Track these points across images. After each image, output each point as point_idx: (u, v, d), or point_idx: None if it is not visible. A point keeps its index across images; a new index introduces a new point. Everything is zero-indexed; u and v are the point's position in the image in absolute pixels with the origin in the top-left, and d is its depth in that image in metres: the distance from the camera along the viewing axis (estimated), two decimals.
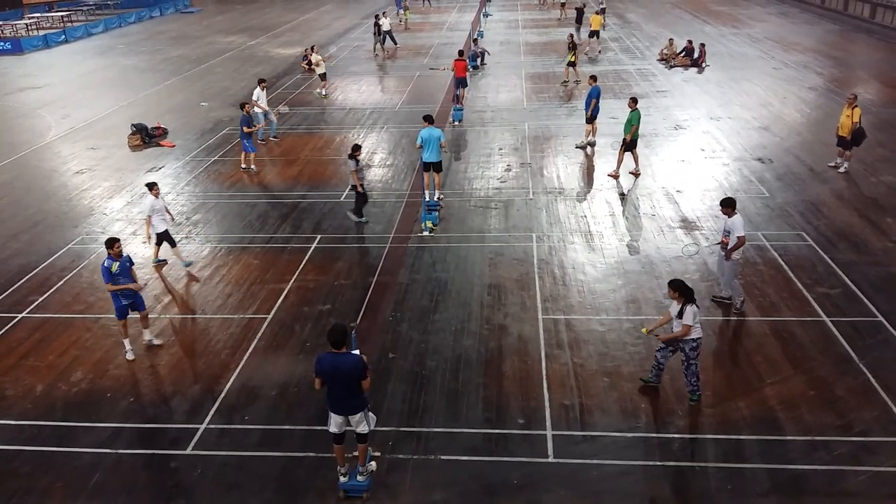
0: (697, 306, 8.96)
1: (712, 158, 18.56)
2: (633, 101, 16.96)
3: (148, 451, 8.91)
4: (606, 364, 10.28)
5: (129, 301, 10.59)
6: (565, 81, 27.14)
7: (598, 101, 19.12)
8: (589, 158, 18.91)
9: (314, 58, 27.53)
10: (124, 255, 10.56)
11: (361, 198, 14.96)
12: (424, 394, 9.78)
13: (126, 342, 10.85)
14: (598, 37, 32.61)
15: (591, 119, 19.35)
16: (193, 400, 9.83)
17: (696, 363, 9.15)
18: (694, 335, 8.96)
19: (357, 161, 14.49)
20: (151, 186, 13.09)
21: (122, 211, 16.50)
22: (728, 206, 11.27)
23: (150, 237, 13.38)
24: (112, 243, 10.42)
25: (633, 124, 16.74)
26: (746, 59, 30.34)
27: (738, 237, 10.97)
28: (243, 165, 18.81)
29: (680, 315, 8.89)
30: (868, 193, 15.91)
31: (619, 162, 17.44)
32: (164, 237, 13.28)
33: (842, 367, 9.99)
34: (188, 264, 13.51)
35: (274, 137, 21.40)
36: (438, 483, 8.23)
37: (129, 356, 10.79)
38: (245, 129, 18.19)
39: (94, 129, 23.44)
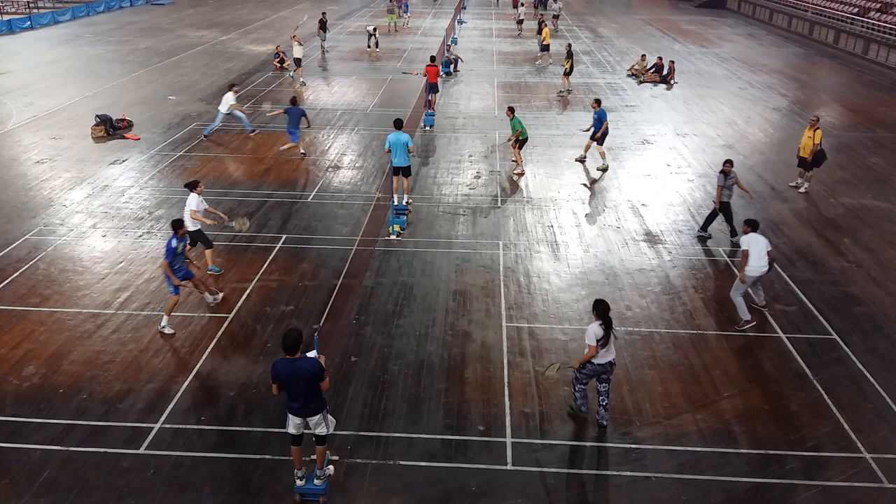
0: (602, 326, 8.80)
1: (677, 174, 18.85)
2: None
3: (100, 450, 8.70)
4: (567, 373, 10.33)
5: (182, 275, 11.06)
6: (561, 92, 27.27)
7: (602, 123, 18.85)
8: (559, 169, 19.07)
9: (295, 48, 28.14)
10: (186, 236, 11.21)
11: (720, 213, 14.48)
12: (385, 398, 9.73)
13: (165, 319, 11.24)
14: (547, 50, 32.89)
15: (600, 140, 19.00)
16: (149, 399, 9.64)
17: (584, 384, 9.11)
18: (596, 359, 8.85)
19: (726, 176, 14.00)
20: (194, 185, 12.45)
21: (83, 203, 16.14)
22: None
23: (213, 215, 12.84)
24: (179, 224, 10.91)
25: (516, 129, 18.01)
26: (713, 78, 30.90)
27: None
28: (302, 151, 19.69)
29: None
30: (827, 214, 16.31)
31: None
32: (197, 237, 12.57)
33: (796, 383, 10.20)
34: (217, 270, 13.04)
35: (253, 132, 21.42)
36: (396, 488, 8.19)
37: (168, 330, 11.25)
38: (306, 120, 19.32)
39: (58, 119, 22.92)
